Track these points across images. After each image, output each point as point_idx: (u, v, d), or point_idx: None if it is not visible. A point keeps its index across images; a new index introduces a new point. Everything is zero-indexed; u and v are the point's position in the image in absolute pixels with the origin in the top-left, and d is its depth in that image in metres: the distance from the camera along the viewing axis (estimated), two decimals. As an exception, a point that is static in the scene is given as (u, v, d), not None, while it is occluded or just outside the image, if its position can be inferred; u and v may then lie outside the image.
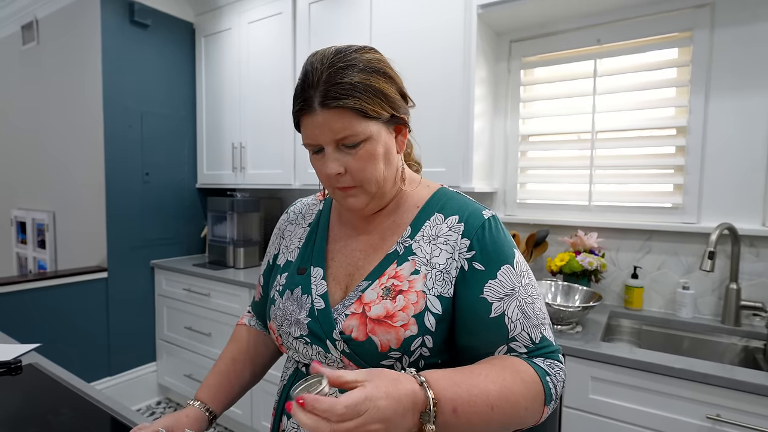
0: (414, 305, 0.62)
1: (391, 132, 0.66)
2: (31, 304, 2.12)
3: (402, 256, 0.67)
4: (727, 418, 1.07)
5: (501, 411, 0.55)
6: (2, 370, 1.06)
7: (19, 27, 2.90)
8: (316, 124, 0.61)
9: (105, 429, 0.83)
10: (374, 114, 0.61)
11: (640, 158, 1.68)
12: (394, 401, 0.48)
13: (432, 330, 0.62)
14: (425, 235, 0.68)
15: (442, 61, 1.74)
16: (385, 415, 0.47)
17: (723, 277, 1.53)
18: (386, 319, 0.62)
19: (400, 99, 0.66)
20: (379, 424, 0.46)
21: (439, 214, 0.69)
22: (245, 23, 2.38)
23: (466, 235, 0.65)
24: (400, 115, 0.66)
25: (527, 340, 0.62)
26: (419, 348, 0.62)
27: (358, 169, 0.63)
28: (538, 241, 1.80)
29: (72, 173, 2.57)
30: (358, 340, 0.63)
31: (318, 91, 0.60)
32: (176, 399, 2.61)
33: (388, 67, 0.66)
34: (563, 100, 1.82)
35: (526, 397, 0.57)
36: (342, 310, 0.66)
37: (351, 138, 0.61)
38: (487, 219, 0.66)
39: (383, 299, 0.63)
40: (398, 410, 0.48)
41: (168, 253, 2.66)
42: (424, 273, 0.64)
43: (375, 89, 0.61)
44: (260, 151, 2.37)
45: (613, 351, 1.22)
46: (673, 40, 1.60)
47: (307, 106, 0.61)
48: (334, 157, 0.63)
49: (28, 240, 2.96)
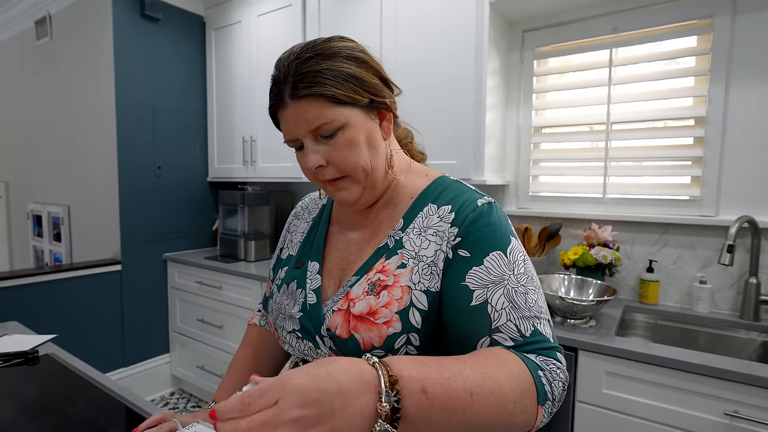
0: (398, 301, 0.59)
1: (373, 118, 0.64)
2: (47, 295, 2.16)
3: (391, 250, 0.64)
4: (746, 415, 1.04)
5: (483, 401, 0.46)
6: (20, 360, 1.07)
7: (32, 22, 2.93)
8: (290, 117, 0.61)
9: (120, 419, 0.84)
10: (347, 99, 0.59)
11: (657, 149, 1.64)
12: (321, 380, 0.40)
13: (417, 327, 0.59)
14: (416, 227, 0.65)
15: (454, 51, 1.71)
16: (307, 397, 0.39)
17: (742, 272, 1.50)
18: (368, 316, 0.60)
19: (379, 83, 0.64)
20: (301, 409, 0.38)
21: (432, 205, 0.65)
22: (255, 16, 2.38)
23: (455, 224, 0.61)
24: (379, 99, 0.63)
25: (514, 332, 0.55)
26: (404, 346, 0.59)
27: (340, 158, 0.61)
28: (551, 234, 1.77)
29: (86, 167, 2.60)
30: (342, 337, 0.61)
31: (288, 83, 0.59)
32: (189, 390, 2.64)
33: (361, 52, 0.64)
34: (577, 91, 1.79)
35: (512, 388, 0.49)
36: (331, 305, 0.65)
37: (326, 126, 0.59)
38: (481, 205, 0.62)
39: (368, 295, 0.61)
40: (329, 390, 0.39)
41: (180, 246, 2.68)
42: (411, 267, 0.61)
43: (346, 74, 0.59)
44: (271, 145, 2.37)
45: (627, 345, 1.20)
46: (693, 27, 1.55)
47: (279, 101, 0.61)
48: (313, 149, 0.61)
49: (44, 233, 3.01)
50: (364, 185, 0.65)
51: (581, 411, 1.27)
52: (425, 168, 0.74)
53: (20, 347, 1.13)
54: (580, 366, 1.26)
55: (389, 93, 0.66)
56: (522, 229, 1.80)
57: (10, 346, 1.15)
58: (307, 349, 0.67)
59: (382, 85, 0.65)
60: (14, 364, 1.05)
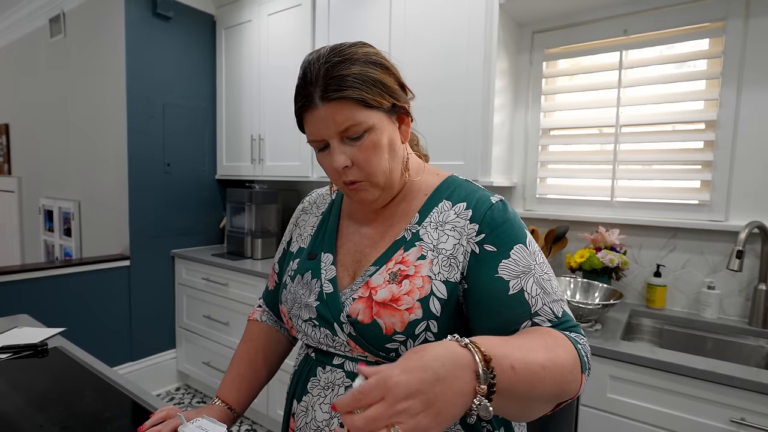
0: (419, 290, 0.63)
1: (393, 122, 0.67)
2: (57, 289, 2.19)
3: (409, 242, 0.68)
4: (753, 422, 1.03)
5: (551, 373, 0.50)
6: (29, 352, 1.09)
7: (47, 20, 2.97)
8: (319, 118, 0.63)
9: (126, 412, 0.85)
10: (375, 104, 0.62)
11: (666, 153, 1.63)
12: (418, 372, 0.43)
13: (437, 315, 0.62)
14: (432, 221, 0.68)
15: (463, 52, 1.71)
16: (409, 389, 0.42)
17: (751, 278, 1.48)
18: (391, 303, 0.63)
19: (399, 89, 0.67)
20: (406, 401, 0.41)
21: (447, 201, 0.69)
22: (265, 15, 2.39)
23: (474, 220, 0.65)
24: (401, 104, 0.66)
25: (550, 314, 0.60)
26: (424, 332, 0.62)
27: (364, 159, 0.64)
28: (558, 236, 1.77)
29: (97, 163, 2.63)
30: (364, 322, 0.64)
31: (318, 86, 0.62)
32: (195, 386, 2.67)
33: (384, 59, 0.67)
34: (586, 93, 1.78)
35: (568, 360, 0.54)
36: (350, 294, 0.68)
37: (354, 128, 0.62)
38: (495, 203, 0.66)
39: (389, 283, 0.64)
40: (426, 379, 0.42)
41: (188, 243, 2.71)
42: (431, 258, 0.65)
43: (374, 79, 0.63)
44: (279, 144, 2.38)
45: (633, 350, 1.19)
46: (705, 30, 1.54)
47: (309, 102, 0.63)
48: (340, 150, 0.64)
49: (55, 228, 3.06)
50: (382, 187, 0.68)
51: (585, 415, 1.26)
52: (435, 168, 0.77)
53: (30, 340, 1.15)
54: (585, 370, 1.26)
55: (406, 98, 0.69)
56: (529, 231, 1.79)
57: (21, 338, 1.17)
58: (322, 337, 0.69)
59: (400, 90, 0.68)
60: (24, 356, 1.07)
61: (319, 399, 0.70)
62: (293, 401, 0.75)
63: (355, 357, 0.68)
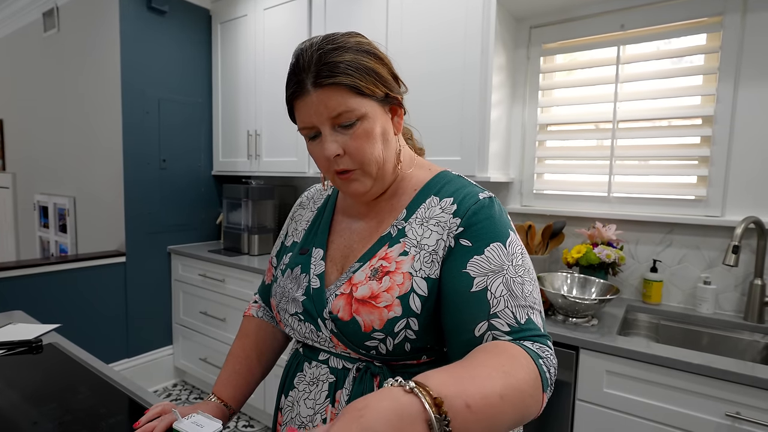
0: (399, 286, 0.62)
1: (386, 112, 0.66)
2: (52, 285, 2.18)
3: (394, 239, 0.67)
4: (748, 416, 1.04)
5: (510, 401, 0.47)
6: (24, 348, 1.09)
7: (40, 14, 2.94)
8: (311, 104, 0.61)
9: (122, 409, 0.84)
10: (368, 91, 0.61)
11: (663, 149, 1.63)
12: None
13: (417, 312, 0.61)
14: (419, 217, 0.67)
15: (460, 47, 1.70)
16: None
17: (747, 273, 1.49)
18: (370, 300, 0.62)
19: (392, 80, 0.66)
20: None
21: (434, 197, 0.68)
22: (261, 9, 2.37)
23: (457, 215, 0.64)
24: (394, 95, 0.66)
25: (511, 319, 0.57)
26: (403, 330, 0.61)
27: (356, 148, 0.63)
28: (555, 232, 1.77)
29: (92, 159, 2.61)
30: (344, 319, 0.63)
31: (310, 72, 0.60)
32: (192, 382, 2.66)
33: (376, 49, 0.66)
34: (584, 88, 1.77)
35: (527, 381, 0.50)
36: (334, 290, 0.67)
37: (346, 115, 0.61)
38: (482, 199, 0.64)
39: (370, 280, 0.64)
40: None
41: (184, 239, 2.70)
42: (413, 254, 0.64)
43: (367, 67, 0.62)
44: (275, 139, 2.37)
45: (629, 345, 1.20)
46: (702, 25, 1.53)
47: (301, 89, 0.62)
48: (332, 138, 0.62)
49: (50, 224, 3.04)
50: (374, 177, 0.66)
51: (581, 409, 1.27)
52: (428, 162, 0.76)
53: (24, 336, 1.15)
54: (581, 365, 1.26)
55: (399, 89, 0.69)
56: (525, 226, 1.79)
57: (15, 334, 1.16)
58: (308, 332, 0.69)
59: (393, 81, 0.67)
60: (18, 353, 1.07)
61: (304, 394, 0.70)
62: (281, 396, 0.76)
63: (339, 353, 0.68)
